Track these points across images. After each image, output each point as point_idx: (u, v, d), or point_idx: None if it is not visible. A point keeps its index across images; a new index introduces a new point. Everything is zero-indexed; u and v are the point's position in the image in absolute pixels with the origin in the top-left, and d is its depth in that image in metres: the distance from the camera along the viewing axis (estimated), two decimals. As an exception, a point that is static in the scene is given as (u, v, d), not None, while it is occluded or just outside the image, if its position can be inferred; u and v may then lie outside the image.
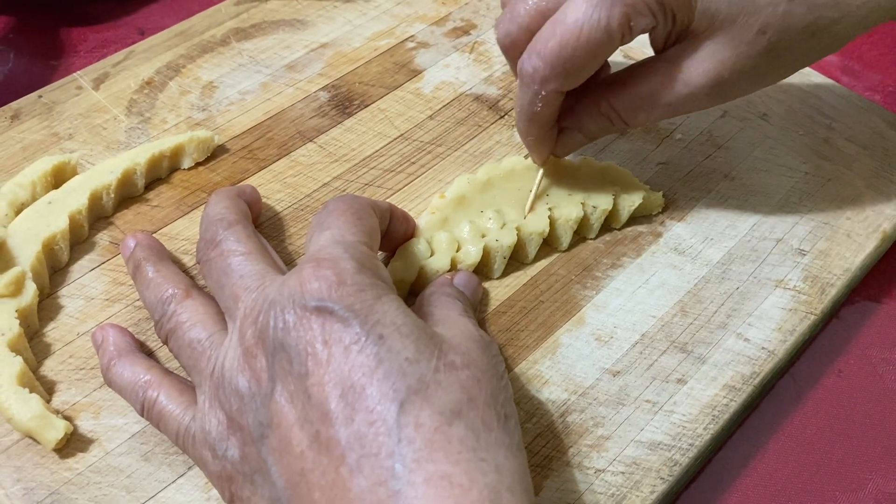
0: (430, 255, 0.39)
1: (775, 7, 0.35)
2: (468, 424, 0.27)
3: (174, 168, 0.43)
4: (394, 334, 0.28)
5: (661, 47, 0.37)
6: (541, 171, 0.41)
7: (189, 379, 0.33)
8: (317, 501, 0.26)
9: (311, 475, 0.27)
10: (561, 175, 0.42)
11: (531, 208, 0.40)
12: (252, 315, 0.30)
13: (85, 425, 0.34)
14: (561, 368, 0.37)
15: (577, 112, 0.39)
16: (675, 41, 0.37)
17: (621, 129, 0.39)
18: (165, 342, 0.34)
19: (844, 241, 0.43)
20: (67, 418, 0.34)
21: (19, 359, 0.34)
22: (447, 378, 0.28)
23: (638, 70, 0.38)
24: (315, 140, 0.45)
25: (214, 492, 0.32)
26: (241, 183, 0.42)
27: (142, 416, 0.33)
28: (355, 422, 0.26)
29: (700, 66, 0.36)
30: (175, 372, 0.34)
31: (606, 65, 0.39)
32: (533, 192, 0.41)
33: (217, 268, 0.33)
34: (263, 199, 0.42)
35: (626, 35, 0.34)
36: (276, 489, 0.28)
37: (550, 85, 0.35)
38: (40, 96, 0.45)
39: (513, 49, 0.37)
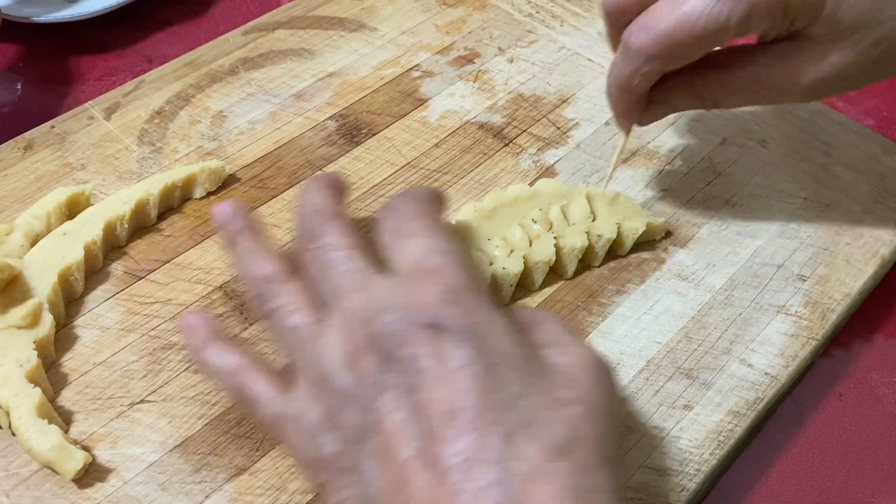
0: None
1: (895, 21, 0.35)
2: (572, 463, 0.26)
3: (186, 198, 0.43)
4: (504, 365, 0.27)
5: (767, 41, 0.38)
6: (624, 138, 0.42)
7: (278, 366, 0.33)
8: None
9: (411, 487, 0.26)
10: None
11: (611, 177, 0.43)
12: (359, 317, 0.29)
13: (103, 455, 0.34)
14: (569, 395, 0.38)
15: (668, 86, 0.40)
16: (784, 38, 0.37)
17: (709, 108, 0.40)
18: (262, 319, 0.33)
19: (844, 267, 0.44)
20: (85, 448, 0.34)
21: (38, 390, 0.34)
22: (554, 415, 0.27)
23: (740, 56, 0.38)
24: (324, 169, 0.45)
25: (232, 521, 0.33)
26: (325, 171, 0.40)
27: (233, 399, 0.33)
28: (462, 443, 0.26)
29: (808, 66, 0.37)
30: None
31: None
32: (615, 160, 0.43)
33: (318, 260, 0.32)
34: (273, 227, 0.43)
35: (742, 32, 0.35)
36: (371, 490, 0.28)
37: (654, 63, 0.36)
38: (53, 126, 0.46)
39: (618, 16, 0.38)
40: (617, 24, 0.38)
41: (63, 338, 0.38)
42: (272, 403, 0.31)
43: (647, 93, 0.39)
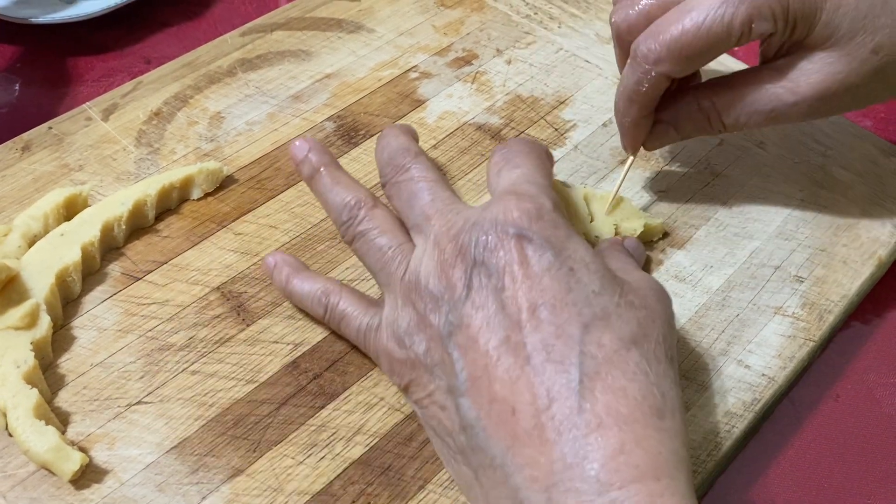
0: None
1: (892, 29, 0.37)
2: (642, 353, 0.30)
3: (184, 199, 0.43)
4: (583, 269, 0.31)
5: (770, 56, 0.39)
6: (629, 160, 0.43)
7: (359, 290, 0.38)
8: (497, 393, 0.29)
9: (494, 370, 0.29)
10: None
11: (613, 201, 0.43)
12: (451, 232, 0.32)
13: (99, 456, 0.34)
14: (566, 396, 0.38)
15: (675, 108, 0.41)
16: (785, 53, 0.39)
17: (716, 131, 0.41)
18: (350, 242, 0.37)
19: (841, 268, 0.44)
20: (82, 449, 0.34)
21: (35, 391, 0.34)
22: (626, 313, 0.31)
23: (744, 74, 0.40)
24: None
25: (229, 522, 0.33)
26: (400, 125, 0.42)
27: (323, 319, 0.38)
28: (543, 332, 0.29)
29: (810, 77, 0.38)
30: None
31: (698, 72, 0.42)
32: (619, 181, 0.43)
33: (407, 190, 0.35)
34: (271, 228, 0.43)
35: (745, 36, 0.36)
36: (457, 380, 0.30)
37: (662, 67, 0.37)
38: (50, 127, 0.46)
39: (627, 34, 0.39)
40: (625, 42, 0.40)
41: (60, 339, 0.38)
42: (360, 317, 0.36)
43: (653, 109, 0.40)
